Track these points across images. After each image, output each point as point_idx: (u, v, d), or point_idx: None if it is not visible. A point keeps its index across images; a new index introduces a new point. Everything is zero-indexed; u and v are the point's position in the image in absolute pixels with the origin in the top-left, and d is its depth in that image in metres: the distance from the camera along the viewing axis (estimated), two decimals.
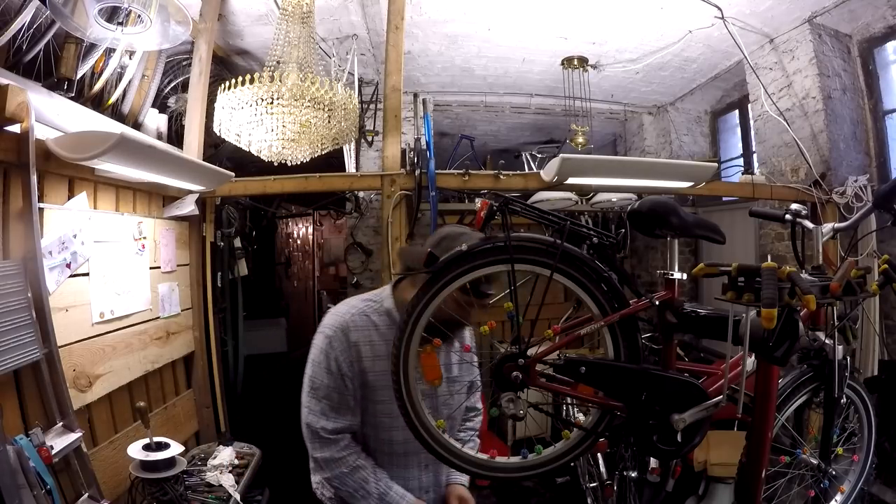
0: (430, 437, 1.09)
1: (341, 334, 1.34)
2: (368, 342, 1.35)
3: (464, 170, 2.80)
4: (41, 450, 1.42)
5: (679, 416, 1.07)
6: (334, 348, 1.33)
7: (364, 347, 1.34)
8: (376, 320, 1.37)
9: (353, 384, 1.34)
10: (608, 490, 2.28)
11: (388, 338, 1.32)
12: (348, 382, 1.33)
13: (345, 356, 1.33)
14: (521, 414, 1.06)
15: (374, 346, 1.35)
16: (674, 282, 1.16)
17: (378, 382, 1.34)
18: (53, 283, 1.70)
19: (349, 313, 1.37)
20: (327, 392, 1.33)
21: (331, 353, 1.33)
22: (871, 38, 3.09)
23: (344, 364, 1.33)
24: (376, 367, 1.34)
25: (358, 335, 1.34)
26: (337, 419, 1.33)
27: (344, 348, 1.33)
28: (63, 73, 2.18)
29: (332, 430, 1.33)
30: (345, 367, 1.33)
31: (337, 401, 1.33)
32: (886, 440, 2.22)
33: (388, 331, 1.35)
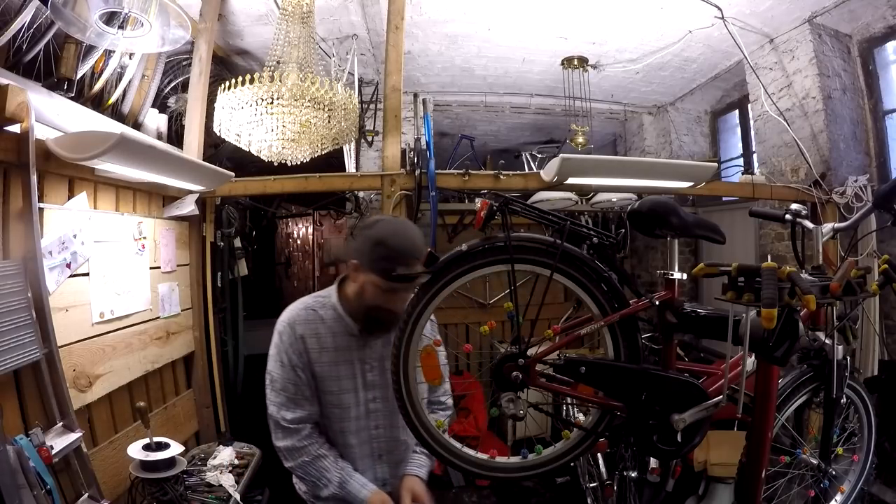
0: (429, 437, 1.09)
1: (289, 328, 1.41)
2: (315, 335, 1.41)
3: (464, 170, 2.80)
4: (41, 450, 1.42)
5: (679, 416, 1.07)
6: (284, 342, 1.41)
7: (310, 340, 1.41)
8: (323, 314, 1.43)
9: (305, 374, 1.41)
10: (608, 490, 2.28)
11: (335, 330, 1.42)
12: (300, 373, 1.40)
13: (293, 349, 1.40)
14: (521, 414, 1.06)
15: (321, 338, 1.41)
16: (674, 282, 1.16)
17: (325, 373, 1.41)
18: (53, 283, 1.70)
19: (297, 309, 1.45)
20: (283, 384, 1.40)
21: (281, 347, 1.41)
22: (871, 38, 3.09)
23: (294, 356, 1.40)
24: (323, 358, 1.41)
25: (304, 328, 1.41)
26: (295, 409, 1.40)
27: (292, 341, 1.40)
28: (63, 73, 2.17)
29: (292, 419, 1.39)
30: (294, 359, 1.40)
31: (293, 392, 1.40)
32: (886, 440, 2.22)
33: (335, 323, 1.43)
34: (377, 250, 1.30)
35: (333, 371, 1.42)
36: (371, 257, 1.31)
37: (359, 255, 1.35)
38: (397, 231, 1.34)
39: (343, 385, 1.43)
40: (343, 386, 1.43)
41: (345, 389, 1.43)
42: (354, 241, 1.40)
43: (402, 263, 1.25)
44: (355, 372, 1.44)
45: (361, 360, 1.44)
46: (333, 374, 1.42)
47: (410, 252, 1.28)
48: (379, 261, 1.29)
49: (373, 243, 1.31)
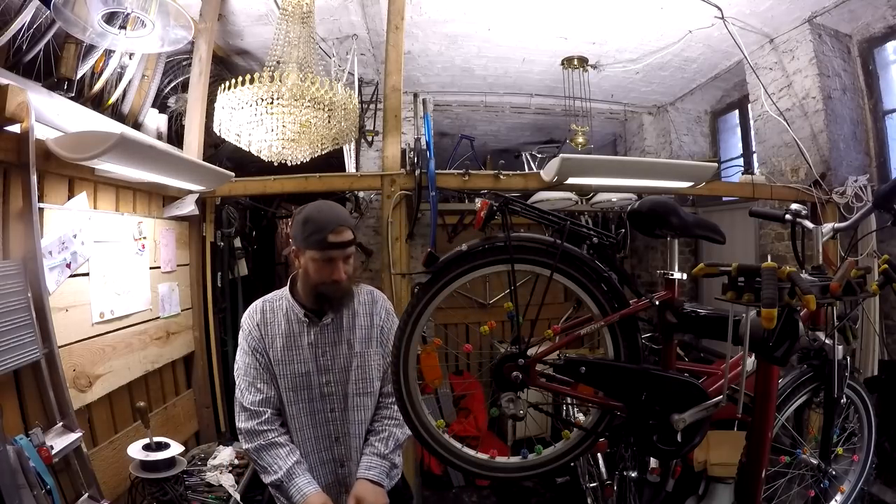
0: (429, 437, 1.09)
1: (249, 319, 1.56)
2: (268, 322, 1.55)
3: (464, 170, 2.80)
4: (41, 450, 1.42)
5: (679, 416, 1.07)
6: (244, 331, 1.55)
7: (266, 327, 1.54)
8: (277, 304, 1.57)
9: (263, 359, 1.52)
10: (608, 490, 2.28)
11: (289, 318, 1.54)
12: (259, 357, 1.52)
13: (251, 335, 1.53)
14: (521, 414, 1.06)
15: (274, 325, 1.54)
16: (674, 282, 1.16)
17: (280, 358, 1.52)
18: (53, 283, 1.70)
19: (256, 303, 1.59)
20: (246, 369, 1.52)
21: (242, 336, 1.55)
22: (871, 38, 3.09)
23: (252, 342, 1.53)
24: (276, 343, 1.52)
25: (260, 317, 1.55)
26: (256, 392, 1.50)
27: (251, 328, 1.54)
28: (63, 73, 2.17)
29: (252, 402, 1.49)
30: (253, 344, 1.52)
31: (254, 375, 1.51)
32: (886, 440, 2.22)
33: (288, 312, 1.55)
34: (307, 227, 1.43)
35: (287, 356, 1.52)
36: (304, 235, 1.43)
37: (295, 239, 1.48)
38: (320, 207, 1.48)
39: (297, 369, 1.51)
40: (297, 370, 1.52)
41: (299, 373, 1.52)
42: (291, 229, 1.55)
43: (329, 232, 1.41)
44: (308, 357, 1.53)
45: (312, 344, 1.53)
46: (287, 358, 1.52)
47: (336, 220, 1.43)
48: (310, 235, 1.42)
49: (302, 223, 1.45)
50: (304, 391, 1.52)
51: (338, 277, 1.45)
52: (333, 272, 1.45)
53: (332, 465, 1.55)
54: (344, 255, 1.45)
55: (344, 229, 1.44)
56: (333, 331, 1.55)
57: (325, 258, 1.43)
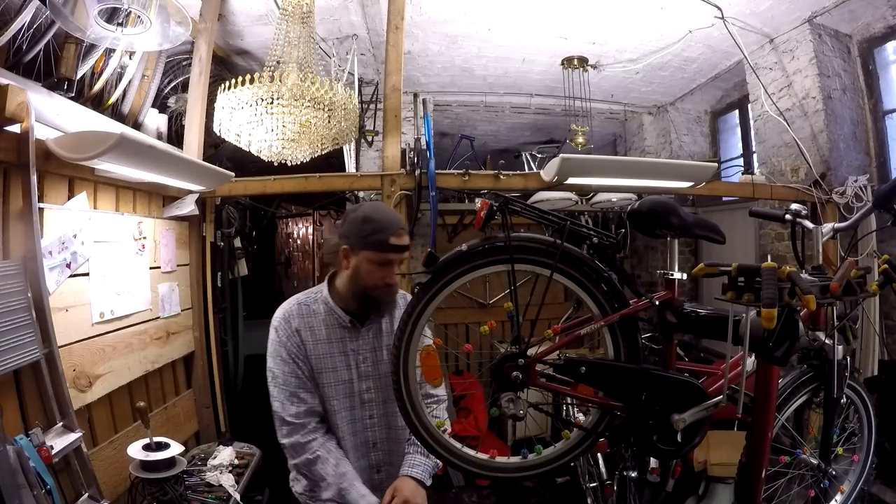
0: (429, 437, 1.09)
1: (284, 323, 1.47)
2: (309, 327, 1.46)
3: (464, 170, 2.80)
4: (41, 450, 1.42)
5: (679, 416, 1.07)
6: (280, 337, 1.45)
7: (305, 332, 1.46)
8: (315, 308, 1.49)
9: (305, 365, 1.45)
10: (608, 490, 2.28)
11: (328, 323, 1.48)
12: (301, 364, 1.45)
13: (291, 342, 1.45)
14: (521, 414, 1.06)
15: (315, 330, 1.47)
16: (674, 282, 1.16)
17: (321, 366, 1.46)
18: (53, 283, 1.70)
19: (290, 304, 1.51)
20: (285, 378, 1.44)
21: (279, 342, 1.45)
22: (871, 38, 3.09)
23: (292, 349, 1.44)
24: (318, 350, 1.46)
25: (299, 322, 1.47)
26: (299, 404, 1.43)
27: (289, 335, 1.45)
28: (63, 73, 2.17)
29: (295, 414, 1.42)
30: (294, 352, 1.44)
31: (295, 385, 1.44)
32: (886, 440, 2.22)
33: (327, 316, 1.48)
34: (366, 227, 1.37)
35: (329, 363, 1.46)
36: (361, 235, 1.38)
37: (348, 238, 1.40)
38: (379, 208, 1.46)
39: (338, 376, 1.46)
40: (338, 377, 1.46)
41: (340, 381, 1.46)
42: (341, 228, 1.44)
43: (391, 234, 1.36)
44: (349, 363, 1.47)
45: (354, 351, 1.48)
46: (329, 365, 1.46)
47: (397, 223, 1.40)
48: (370, 235, 1.36)
49: (361, 221, 1.38)
50: (346, 399, 1.48)
51: (392, 281, 1.41)
52: (388, 276, 1.40)
53: (369, 472, 1.52)
54: (400, 259, 1.41)
55: (404, 233, 1.40)
56: (373, 336, 1.51)
57: (383, 261, 1.38)
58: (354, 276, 1.42)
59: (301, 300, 1.51)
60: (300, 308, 1.49)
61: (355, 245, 1.40)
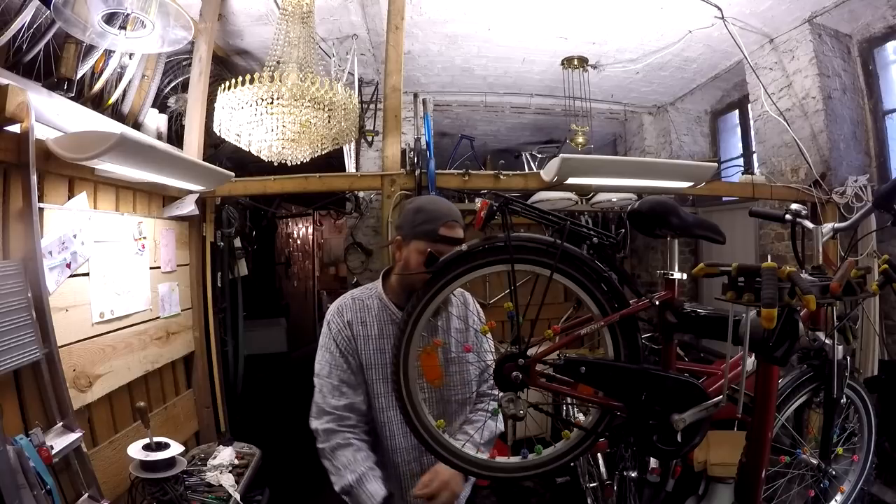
0: (429, 437, 1.08)
1: (337, 316, 1.46)
2: (361, 322, 1.45)
3: (464, 170, 2.80)
4: (41, 450, 1.42)
5: (679, 416, 1.07)
6: (332, 329, 1.45)
7: (357, 327, 1.44)
8: (368, 303, 1.48)
9: (354, 360, 1.43)
10: (608, 490, 2.28)
11: (381, 318, 1.46)
12: (350, 358, 1.43)
13: (342, 335, 1.43)
14: (521, 414, 1.06)
15: (367, 325, 1.45)
16: (674, 282, 1.16)
17: (371, 362, 1.43)
18: (53, 283, 1.70)
19: (344, 299, 1.50)
20: (329, 371, 1.42)
21: (329, 335, 1.45)
22: (871, 38, 3.09)
23: (342, 343, 1.43)
24: (369, 345, 1.44)
25: (351, 315, 1.46)
26: (341, 397, 1.40)
27: (340, 328, 1.44)
28: (63, 73, 2.17)
29: (337, 406, 1.39)
30: (343, 345, 1.43)
31: (340, 378, 1.41)
32: (886, 440, 2.22)
33: (380, 312, 1.47)
34: (418, 217, 1.37)
35: (379, 359, 1.43)
36: (413, 224, 1.37)
37: (401, 229, 1.41)
38: (433, 199, 1.47)
39: (381, 371, 1.43)
40: (381, 371, 1.43)
41: (382, 376, 1.43)
42: (397, 220, 1.46)
43: (443, 224, 1.34)
44: None
45: None
46: (379, 362, 1.43)
47: (449, 214, 1.37)
48: (421, 225, 1.36)
49: (413, 212, 1.39)
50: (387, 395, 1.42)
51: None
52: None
53: (406, 465, 1.46)
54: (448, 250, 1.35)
55: (457, 225, 1.37)
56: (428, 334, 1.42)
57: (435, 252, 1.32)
58: (405, 267, 1.41)
59: (356, 295, 1.51)
60: (354, 303, 1.48)
61: (407, 235, 1.39)
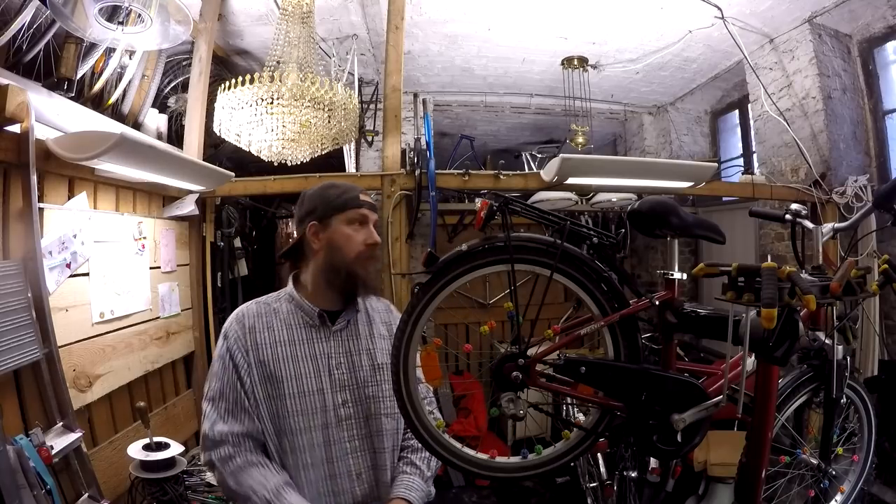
0: (430, 438, 1.08)
1: (236, 325, 1.25)
2: (267, 327, 1.24)
3: (464, 170, 2.80)
4: (41, 450, 1.42)
5: (679, 416, 1.07)
6: (228, 340, 1.23)
7: (262, 333, 1.23)
8: (276, 307, 1.29)
9: (250, 379, 1.19)
10: (608, 490, 2.28)
11: (292, 322, 1.26)
12: (244, 377, 1.19)
13: (239, 346, 1.21)
14: (521, 414, 1.06)
15: (273, 330, 1.24)
16: (674, 282, 1.16)
17: (282, 372, 1.20)
18: (53, 283, 1.70)
19: (247, 305, 1.30)
20: (223, 391, 1.20)
21: (224, 349, 1.22)
22: (871, 38, 3.09)
23: (239, 355, 1.21)
24: (278, 351, 1.22)
25: (254, 320, 1.24)
26: (237, 423, 1.18)
27: (238, 337, 1.22)
28: (63, 73, 2.18)
29: (230, 433, 1.17)
30: (239, 359, 1.20)
31: (234, 399, 1.19)
32: (886, 440, 2.22)
33: (291, 316, 1.27)
34: (332, 192, 1.27)
35: (290, 368, 1.21)
36: (329, 200, 1.26)
37: (313, 212, 1.27)
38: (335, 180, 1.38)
39: (304, 385, 1.20)
40: (304, 387, 1.20)
41: (307, 391, 1.20)
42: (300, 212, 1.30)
43: (359, 192, 1.28)
44: (319, 369, 1.22)
45: (327, 354, 1.24)
46: (291, 372, 1.20)
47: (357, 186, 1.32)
48: (339, 197, 1.26)
49: (323, 191, 1.29)
50: (317, 415, 1.19)
51: (376, 239, 1.27)
52: (370, 235, 1.27)
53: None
54: (375, 219, 1.30)
55: (368, 196, 1.31)
56: (349, 338, 1.28)
57: (362, 218, 1.26)
58: (331, 251, 1.24)
59: (260, 300, 1.31)
60: (258, 307, 1.28)
61: (325, 214, 1.25)
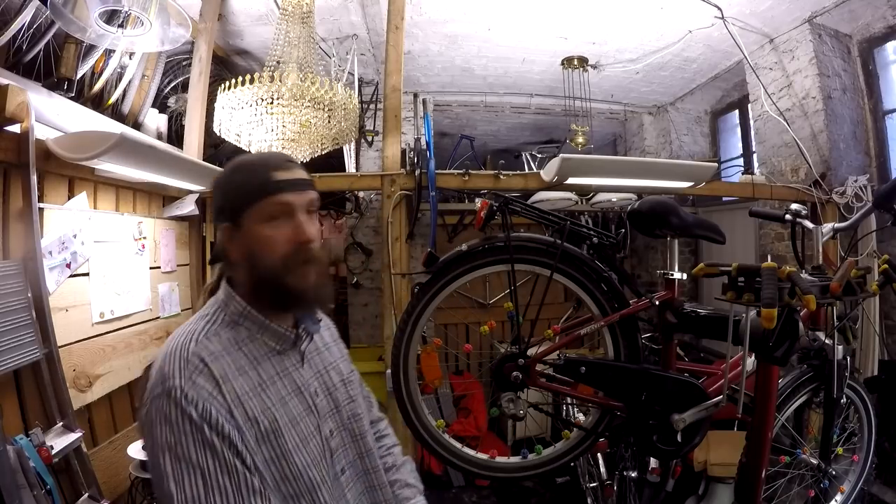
0: (430, 438, 1.09)
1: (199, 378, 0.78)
2: (238, 369, 0.83)
3: (464, 170, 2.80)
4: (41, 450, 1.43)
5: (679, 416, 1.07)
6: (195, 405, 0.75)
7: (238, 380, 0.81)
8: (231, 335, 0.87)
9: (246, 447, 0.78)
10: (608, 490, 2.28)
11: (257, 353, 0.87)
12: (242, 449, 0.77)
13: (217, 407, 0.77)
14: (521, 414, 1.06)
15: (246, 371, 0.84)
16: (674, 282, 1.16)
17: (277, 424, 0.83)
18: (53, 283, 1.70)
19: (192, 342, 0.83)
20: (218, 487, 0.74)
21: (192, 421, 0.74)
22: (871, 38, 3.09)
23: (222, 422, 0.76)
24: (265, 400, 0.83)
25: (221, 364, 0.81)
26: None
27: (211, 395, 0.77)
28: (63, 73, 2.18)
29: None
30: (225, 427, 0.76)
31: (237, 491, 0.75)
32: (886, 440, 2.22)
33: (253, 344, 0.88)
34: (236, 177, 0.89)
35: (286, 415, 0.85)
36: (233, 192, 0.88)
37: (222, 212, 0.90)
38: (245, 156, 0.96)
39: (304, 431, 0.87)
40: (305, 432, 0.87)
41: (308, 435, 0.87)
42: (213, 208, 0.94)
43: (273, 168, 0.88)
44: (308, 404, 0.90)
45: (306, 382, 0.92)
46: (287, 418, 0.85)
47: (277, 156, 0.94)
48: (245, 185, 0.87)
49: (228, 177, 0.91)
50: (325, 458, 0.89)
51: (307, 236, 0.88)
52: (297, 232, 0.87)
53: None
54: (305, 201, 0.90)
55: (293, 166, 0.91)
56: (316, 353, 0.98)
57: (278, 210, 0.87)
58: (251, 260, 0.87)
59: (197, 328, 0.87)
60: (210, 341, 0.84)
61: (235, 211, 0.87)
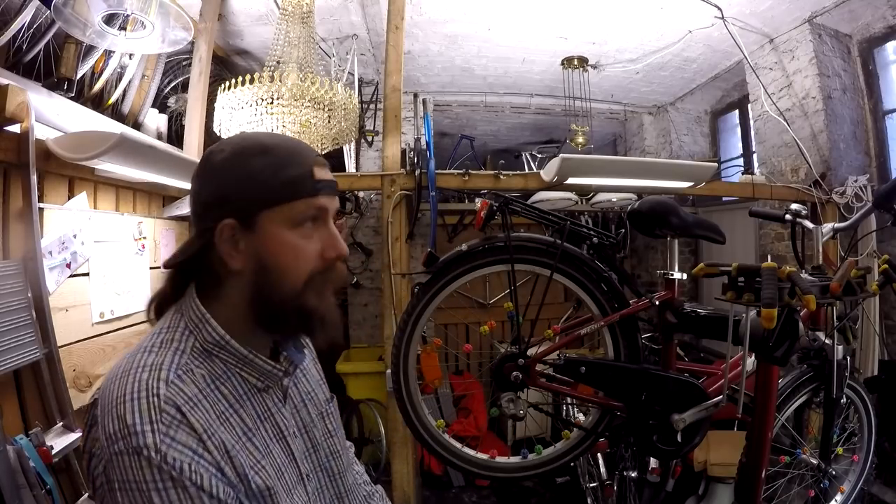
0: (430, 438, 1.09)
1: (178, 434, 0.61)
2: (220, 415, 0.67)
3: (464, 170, 2.80)
4: (41, 450, 1.42)
5: (679, 416, 1.07)
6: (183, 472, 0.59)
7: (221, 430, 0.65)
8: (206, 369, 0.69)
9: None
10: (608, 490, 2.28)
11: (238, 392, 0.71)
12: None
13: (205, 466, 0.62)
14: (521, 414, 1.06)
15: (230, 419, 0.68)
16: (674, 282, 1.16)
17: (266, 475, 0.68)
18: (53, 283, 1.70)
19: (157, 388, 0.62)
20: None
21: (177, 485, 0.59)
22: (871, 38, 3.09)
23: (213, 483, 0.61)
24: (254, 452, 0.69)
25: (201, 414, 0.64)
26: None
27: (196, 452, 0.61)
28: (63, 73, 2.18)
29: None
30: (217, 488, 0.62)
31: None
32: (886, 440, 2.22)
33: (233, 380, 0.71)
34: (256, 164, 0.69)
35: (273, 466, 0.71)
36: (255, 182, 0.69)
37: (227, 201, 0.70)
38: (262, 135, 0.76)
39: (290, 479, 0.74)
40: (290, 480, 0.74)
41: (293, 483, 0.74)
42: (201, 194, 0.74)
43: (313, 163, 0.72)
44: (290, 448, 0.76)
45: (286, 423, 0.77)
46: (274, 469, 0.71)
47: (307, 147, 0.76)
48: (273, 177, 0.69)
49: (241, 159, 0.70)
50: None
51: (340, 251, 0.73)
52: (332, 244, 0.72)
53: None
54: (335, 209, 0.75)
55: (326, 163, 0.75)
56: (294, 383, 0.83)
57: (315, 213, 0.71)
58: (263, 272, 0.70)
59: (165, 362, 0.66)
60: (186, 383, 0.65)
61: (247, 207, 0.69)
